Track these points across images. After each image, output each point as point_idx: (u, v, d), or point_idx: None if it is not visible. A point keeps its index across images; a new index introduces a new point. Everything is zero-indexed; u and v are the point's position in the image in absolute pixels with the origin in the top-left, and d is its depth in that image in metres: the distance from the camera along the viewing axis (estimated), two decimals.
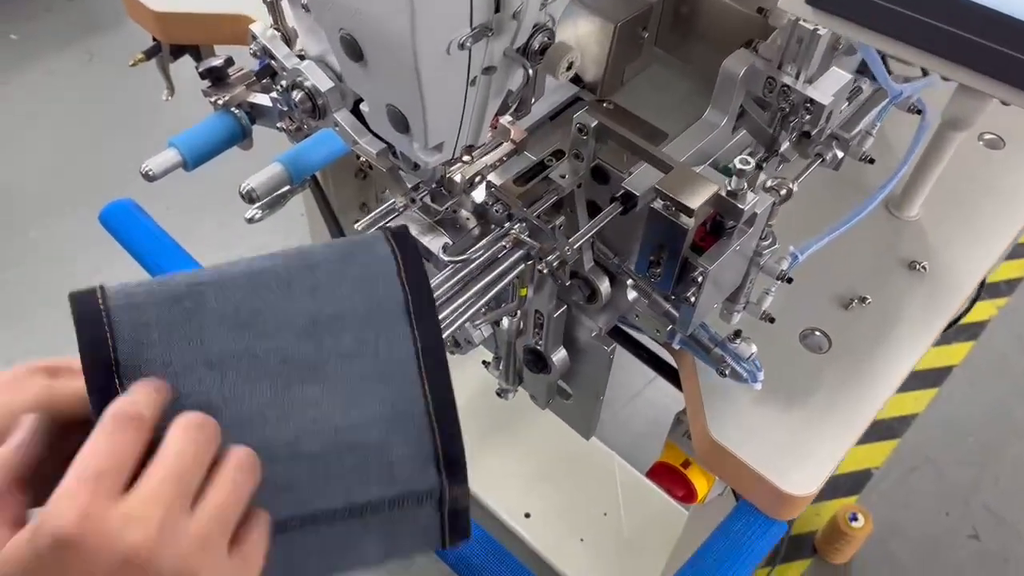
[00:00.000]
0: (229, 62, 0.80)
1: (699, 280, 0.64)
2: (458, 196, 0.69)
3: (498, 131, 0.67)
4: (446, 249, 0.70)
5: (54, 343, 1.74)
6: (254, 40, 0.67)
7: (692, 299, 0.66)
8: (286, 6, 0.64)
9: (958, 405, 1.88)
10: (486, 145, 0.68)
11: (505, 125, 0.67)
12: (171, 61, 1.08)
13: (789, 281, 0.71)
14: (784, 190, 0.66)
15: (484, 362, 0.93)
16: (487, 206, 0.73)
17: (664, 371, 0.92)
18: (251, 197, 0.70)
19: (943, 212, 0.93)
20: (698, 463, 0.87)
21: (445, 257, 0.68)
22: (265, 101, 0.80)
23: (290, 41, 0.67)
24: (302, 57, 0.65)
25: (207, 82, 0.80)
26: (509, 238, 0.69)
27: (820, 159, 0.79)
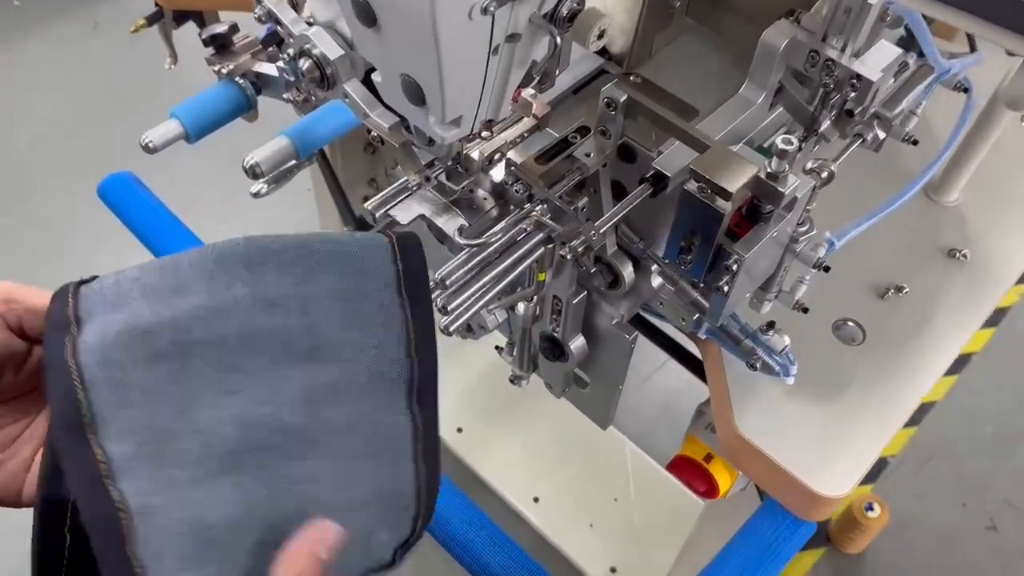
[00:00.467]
0: (234, 29, 0.76)
1: (733, 268, 0.60)
2: (475, 174, 0.65)
3: (519, 105, 0.62)
4: (462, 231, 0.66)
5: None
6: (259, 4, 0.63)
7: (724, 288, 0.61)
8: None
9: (977, 394, 1.84)
10: (506, 120, 0.64)
11: (527, 99, 0.62)
12: (174, 27, 1.05)
13: (826, 270, 0.67)
14: (825, 172, 0.62)
15: (497, 347, 0.90)
16: (506, 186, 0.69)
17: (686, 360, 0.89)
18: (255, 172, 0.67)
19: (984, 197, 0.88)
20: (722, 458, 0.83)
21: (461, 240, 0.64)
22: (271, 71, 0.76)
23: (298, 5, 0.63)
24: (310, 23, 0.61)
25: (211, 50, 0.76)
26: (529, 220, 0.65)
27: (860, 139, 0.75)
